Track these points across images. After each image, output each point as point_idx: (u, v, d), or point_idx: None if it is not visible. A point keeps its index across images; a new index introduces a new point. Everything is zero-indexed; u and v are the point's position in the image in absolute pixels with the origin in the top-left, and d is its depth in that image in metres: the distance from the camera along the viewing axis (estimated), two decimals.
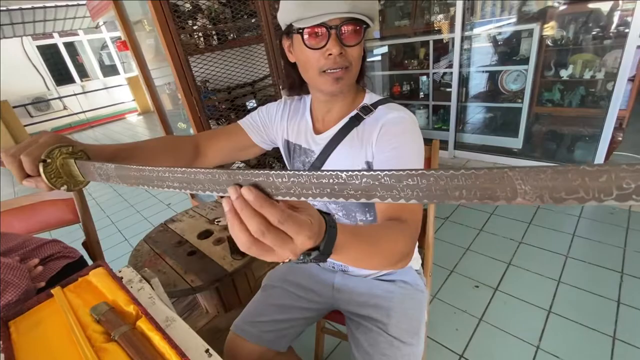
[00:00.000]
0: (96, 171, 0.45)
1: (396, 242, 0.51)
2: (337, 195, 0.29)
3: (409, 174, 0.26)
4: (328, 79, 0.64)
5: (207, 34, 1.68)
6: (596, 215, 1.87)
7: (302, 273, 0.90)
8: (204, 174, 0.36)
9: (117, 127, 7.39)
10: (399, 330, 0.73)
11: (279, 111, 0.82)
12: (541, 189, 0.22)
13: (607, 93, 2.07)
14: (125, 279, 0.87)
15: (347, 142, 0.70)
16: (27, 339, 0.70)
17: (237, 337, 0.80)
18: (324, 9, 0.57)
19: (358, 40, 0.62)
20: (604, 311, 1.31)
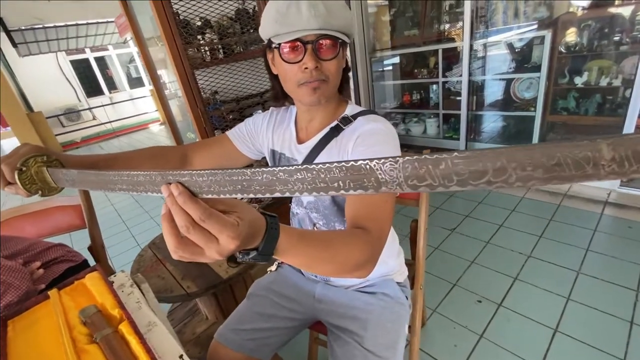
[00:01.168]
0: (64, 177, 0.49)
1: (351, 250, 0.51)
2: (247, 191, 0.32)
3: (297, 169, 0.29)
4: (306, 90, 0.66)
5: (213, 48, 1.75)
6: (613, 229, 1.77)
7: (286, 283, 0.91)
8: (143, 176, 0.39)
9: (141, 136, 7.72)
10: (374, 343, 0.72)
11: (264, 121, 0.85)
12: (399, 178, 0.25)
13: (625, 100, 1.97)
14: (118, 284, 0.90)
15: (326, 151, 0.72)
16: (21, 338, 0.74)
17: (219, 345, 0.81)
18: (297, 26, 0.60)
19: (334, 54, 0.64)
20: (615, 332, 1.23)
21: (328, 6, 0.60)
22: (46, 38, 6.52)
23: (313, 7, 0.58)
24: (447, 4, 2.77)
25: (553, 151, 0.20)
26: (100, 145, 7.56)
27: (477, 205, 2.20)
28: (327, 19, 0.60)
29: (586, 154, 0.19)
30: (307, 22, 0.59)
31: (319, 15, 0.59)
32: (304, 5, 0.59)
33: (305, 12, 0.59)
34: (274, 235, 0.40)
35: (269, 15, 0.63)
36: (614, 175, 0.19)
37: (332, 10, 0.60)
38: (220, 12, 1.83)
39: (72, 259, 1.11)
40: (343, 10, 0.63)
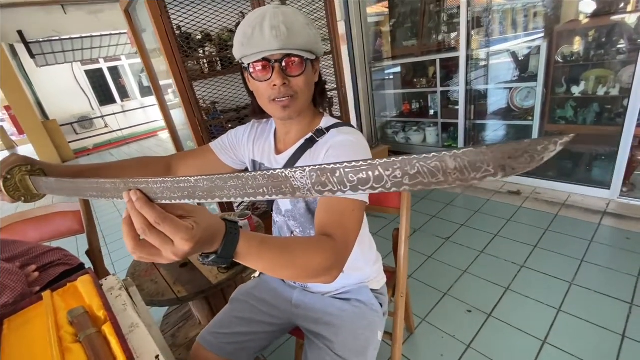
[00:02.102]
0: (44, 185, 0.54)
1: (313, 256, 0.53)
2: (192, 196, 0.36)
3: (230, 177, 0.33)
4: (277, 107, 0.70)
5: (212, 60, 1.82)
6: (610, 240, 1.75)
7: (266, 288, 0.94)
8: (109, 183, 0.43)
9: (150, 143, 7.90)
10: (344, 349, 0.74)
11: (245, 133, 0.89)
12: (308, 184, 0.29)
13: (623, 110, 1.96)
14: (108, 287, 0.94)
15: (302, 162, 0.76)
16: (14, 336, 0.78)
17: (201, 347, 0.84)
18: (261, 47, 0.64)
19: (300, 71, 0.67)
20: (606, 345, 1.21)
21: (290, 27, 0.63)
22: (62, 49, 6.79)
23: (275, 28, 0.62)
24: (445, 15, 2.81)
25: (413, 162, 0.23)
26: (110, 152, 7.75)
27: (473, 215, 2.19)
28: (288, 39, 0.63)
29: (436, 164, 0.23)
30: (269, 43, 0.63)
31: (280, 35, 0.63)
32: (267, 28, 0.63)
33: (267, 33, 0.63)
34: (232, 240, 0.43)
35: (237, 38, 0.68)
36: (459, 182, 0.23)
37: (293, 30, 0.64)
38: (221, 25, 1.90)
39: (68, 263, 1.16)
40: (305, 30, 0.66)
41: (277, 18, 0.63)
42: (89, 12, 6.36)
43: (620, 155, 1.96)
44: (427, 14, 2.88)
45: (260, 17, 0.63)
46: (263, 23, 0.63)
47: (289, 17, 0.64)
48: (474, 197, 2.42)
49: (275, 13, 0.63)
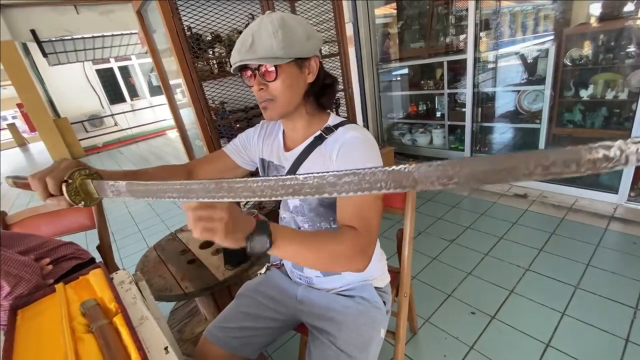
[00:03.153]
0: (109, 188, 0.56)
1: (339, 245, 0.60)
2: (299, 193, 0.37)
3: (346, 174, 0.34)
4: (262, 109, 0.77)
5: (221, 61, 1.85)
6: (616, 244, 1.73)
7: (272, 284, 0.96)
8: (197, 184, 0.47)
9: (158, 142, 8.00)
10: (347, 344, 0.76)
11: (255, 133, 0.93)
12: (437, 178, 0.30)
13: (632, 114, 1.95)
14: (118, 280, 0.97)
15: (311, 158, 0.79)
16: (28, 326, 0.81)
17: (207, 341, 0.86)
18: (235, 58, 0.71)
19: (273, 77, 0.71)
20: (609, 349, 1.21)
21: (255, 38, 0.68)
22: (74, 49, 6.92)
23: (241, 43, 0.69)
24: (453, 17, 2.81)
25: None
26: (120, 150, 7.87)
27: (479, 217, 2.19)
28: (247, 51, 0.68)
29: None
30: (239, 55, 0.70)
31: (242, 48, 0.69)
32: (238, 43, 0.70)
33: (238, 46, 0.70)
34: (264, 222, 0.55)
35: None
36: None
37: (255, 43, 0.68)
38: (231, 26, 1.93)
39: (80, 257, 1.20)
40: (266, 41, 0.68)
41: (265, 28, 0.67)
42: (101, 12, 6.47)
43: None
44: (435, 16, 2.89)
45: (250, 29, 0.69)
46: (252, 33, 0.68)
47: (259, 27, 0.68)
48: (480, 199, 2.41)
49: (260, 24, 0.68)
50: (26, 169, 7.34)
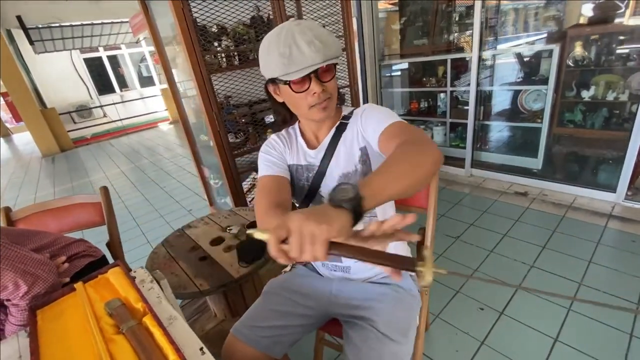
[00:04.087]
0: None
1: (414, 152, 0.58)
2: None
3: None
4: (317, 110, 0.77)
5: (229, 54, 1.81)
6: (616, 242, 1.79)
7: (301, 281, 0.95)
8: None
9: (150, 134, 7.84)
10: (388, 328, 0.77)
11: (280, 145, 0.91)
12: None
13: (631, 115, 2.00)
14: (139, 279, 0.95)
15: (341, 143, 0.84)
16: (50, 326, 0.79)
17: (235, 340, 0.85)
18: (303, 64, 0.69)
19: (332, 75, 0.76)
20: (615, 343, 1.25)
21: (322, 39, 0.69)
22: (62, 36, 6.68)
23: (311, 44, 0.68)
24: (457, 14, 2.81)
25: None
26: (110, 142, 7.68)
27: (482, 214, 2.22)
28: (325, 52, 0.70)
29: None
30: (312, 59, 0.69)
31: (319, 50, 0.68)
32: (304, 45, 0.68)
33: (306, 51, 0.68)
34: (344, 192, 0.48)
35: (272, 58, 0.70)
36: None
37: (327, 42, 0.70)
38: (236, 18, 1.88)
39: (92, 254, 1.17)
40: (333, 39, 0.73)
41: (307, 34, 0.68)
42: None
43: (627, 160, 2.00)
44: (439, 13, 2.89)
45: (290, 36, 0.68)
46: (297, 41, 0.68)
47: (315, 30, 0.70)
48: (482, 197, 2.45)
49: (302, 29, 0.69)
50: (10, 162, 7.10)
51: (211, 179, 2.38)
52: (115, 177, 4.64)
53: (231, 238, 1.50)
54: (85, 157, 6.30)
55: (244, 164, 2.07)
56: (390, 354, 0.74)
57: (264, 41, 0.74)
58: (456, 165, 2.86)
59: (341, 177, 0.84)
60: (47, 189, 4.56)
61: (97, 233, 1.39)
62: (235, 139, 1.97)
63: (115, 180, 4.45)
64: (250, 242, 1.38)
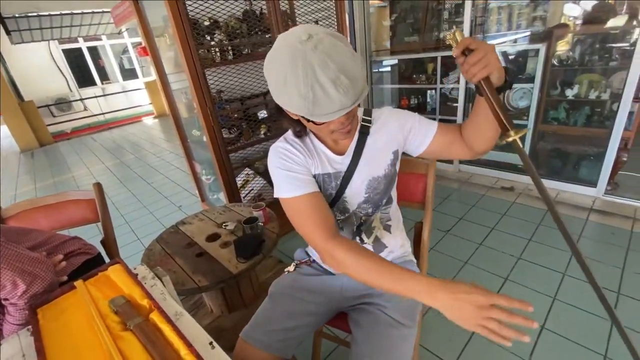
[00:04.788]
0: None
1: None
2: None
3: None
4: (340, 134, 0.72)
5: (223, 49, 1.79)
6: (597, 235, 1.88)
7: (309, 279, 0.96)
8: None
9: (134, 129, 7.64)
10: (397, 313, 0.80)
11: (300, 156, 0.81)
12: None
13: (612, 113, 2.09)
14: (140, 276, 0.95)
15: (369, 147, 0.82)
16: (53, 325, 0.78)
17: (247, 345, 0.83)
18: (332, 109, 0.60)
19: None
20: (597, 330, 1.33)
21: (348, 73, 0.58)
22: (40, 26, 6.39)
23: (337, 84, 0.57)
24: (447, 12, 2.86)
25: None
26: (92, 137, 7.45)
27: (470, 209, 2.29)
28: (354, 90, 0.60)
29: None
30: (341, 103, 0.59)
31: (347, 90, 0.59)
32: (329, 86, 0.57)
33: (334, 94, 0.58)
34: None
35: (292, 97, 0.61)
36: None
37: (354, 76, 0.59)
38: (228, 12, 1.86)
39: (88, 252, 1.15)
40: (359, 68, 0.62)
41: (330, 67, 0.57)
42: None
43: (608, 156, 2.09)
44: (429, 11, 2.92)
45: (310, 72, 0.57)
46: (319, 80, 0.57)
47: (337, 59, 0.58)
48: (470, 192, 2.52)
49: (322, 60, 0.57)
50: None
51: (203, 175, 2.36)
52: (100, 172, 4.52)
53: (227, 234, 1.50)
54: (66, 152, 6.10)
55: (237, 159, 2.06)
56: (399, 337, 0.77)
57: (276, 69, 0.62)
58: (445, 161, 2.93)
59: (371, 180, 0.83)
60: (27, 185, 4.39)
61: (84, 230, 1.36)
62: (229, 134, 1.96)
63: (100, 176, 4.33)
64: (248, 238, 1.39)
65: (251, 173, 2.08)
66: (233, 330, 1.49)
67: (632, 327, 1.32)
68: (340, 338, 1.18)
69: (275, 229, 1.47)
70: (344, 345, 1.15)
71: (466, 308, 0.54)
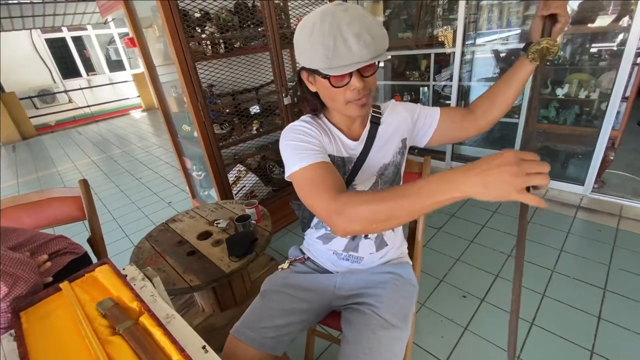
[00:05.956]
0: None
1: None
2: None
3: None
4: (354, 107, 0.73)
5: (214, 42, 1.74)
6: (584, 232, 1.92)
7: (302, 277, 0.95)
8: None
9: (121, 122, 7.47)
10: (389, 314, 0.79)
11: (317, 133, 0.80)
12: None
13: (600, 113, 2.12)
14: (129, 277, 0.92)
15: (380, 135, 0.85)
16: (37, 329, 0.75)
17: (238, 342, 0.82)
18: (350, 60, 0.63)
19: (374, 70, 0.71)
20: (585, 326, 1.36)
21: (371, 32, 0.63)
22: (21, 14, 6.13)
23: (360, 38, 0.61)
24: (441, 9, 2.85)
25: None
26: (77, 130, 7.24)
27: (462, 206, 2.31)
28: (375, 47, 0.64)
29: None
30: (360, 55, 0.63)
31: (368, 45, 0.62)
32: (352, 39, 0.61)
33: (354, 46, 0.62)
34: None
35: (314, 48, 0.64)
36: None
37: (377, 36, 0.64)
38: (220, 4, 1.81)
39: (74, 251, 1.11)
40: (383, 32, 0.66)
41: (355, 25, 0.62)
42: None
43: (596, 155, 2.13)
44: (423, 7, 2.91)
45: (336, 26, 0.62)
46: (343, 33, 0.62)
47: (365, 21, 0.63)
48: None
49: (350, 18, 0.62)
50: None
51: (193, 171, 2.31)
52: (86, 167, 4.40)
53: (219, 232, 1.48)
54: (50, 146, 5.91)
55: (229, 155, 2.02)
56: (391, 338, 0.76)
57: (307, 22, 0.66)
58: (437, 159, 2.94)
59: (381, 167, 0.87)
60: (9, 180, 4.25)
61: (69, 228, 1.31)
62: (221, 130, 1.92)
63: (86, 171, 4.22)
64: (241, 236, 1.36)
65: (243, 169, 2.04)
66: (225, 329, 1.47)
67: (618, 323, 1.35)
68: (333, 336, 1.18)
69: (268, 227, 1.45)
70: (336, 344, 1.15)
71: (502, 176, 0.45)
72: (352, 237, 0.91)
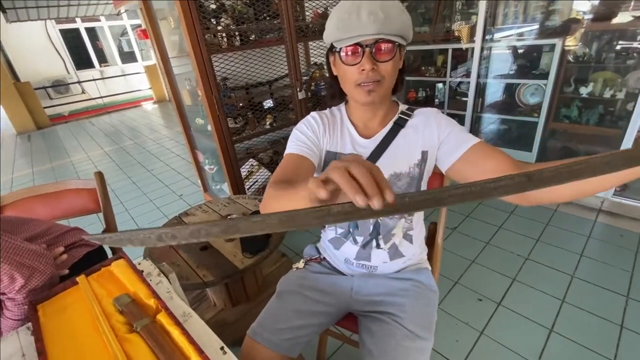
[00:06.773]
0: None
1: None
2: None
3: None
4: (362, 91, 0.72)
5: (230, 34, 1.71)
6: (605, 236, 1.86)
7: (318, 278, 0.92)
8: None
9: (133, 114, 7.52)
10: (414, 324, 0.77)
11: (319, 125, 0.82)
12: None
13: (626, 113, 2.04)
14: (145, 272, 0.91)
15: (400, 139, 0.80)
16: (54, 323, 0.74)
17: (255, 343, 0.80)
18: (355, 32, 0.66)
19: (390, 56, 0.69)
20: (606, 334, 1.31)
21: (386, 11, 0.65)
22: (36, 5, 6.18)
23: (372, 13, 0.64)
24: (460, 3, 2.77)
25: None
26: (90, 120, 7.33)
27: (477, 206, 2.26)
28: (384, 24, 0.65)
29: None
30: (365, 27, 0.65)
31: (377, 20, 0.64)
32: (364, 12, 0.64)
33: (364, 18, 0.64)
34: None
35: (331, 22, 0.70)
36: None
37: (390, 15, 0.65)
38: None
39: (89, 244, 1.11)
40: (401, 15, 0.67)
41: (374, 3, 0.64)
42: None
43: None
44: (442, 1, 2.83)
45: (357, 2, 0.65)
46: (360, 9, 0.65)
47: (386, 3, 0.65)
48: None
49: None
50: None
51: (206, 164, 2.30)
52: (99, 158, 4.44)
53: None
54: (64, 136, 5.99)
55: (241, 150, 2.01)
56: (417, 350, 0.74)
57: (341, 2, 0.70)
58: None
59: (392, 175, 0.80)
60: (24, 169, 4.32)
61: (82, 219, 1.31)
62: (235, 124, 1.90)
63: (99, 162, 4.26)
64: None
65: (256, 164, 2.03)
66: (236, 324, 1.47)
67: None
68: (346, 336, 1.16)
69: None
70: (349, 344, 1.13)
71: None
72: (362, 246, 0.87)
